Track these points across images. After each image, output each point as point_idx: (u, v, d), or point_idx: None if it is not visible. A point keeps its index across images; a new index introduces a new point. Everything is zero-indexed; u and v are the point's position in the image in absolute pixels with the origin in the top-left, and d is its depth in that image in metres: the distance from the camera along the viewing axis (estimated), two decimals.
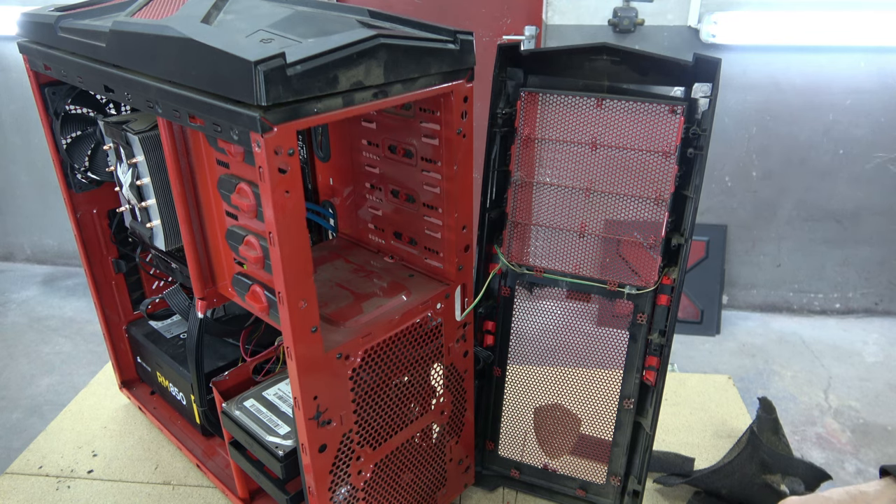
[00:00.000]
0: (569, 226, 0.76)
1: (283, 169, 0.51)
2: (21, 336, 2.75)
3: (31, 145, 3.08)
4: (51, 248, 3.33)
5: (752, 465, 0.83)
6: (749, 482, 0.82)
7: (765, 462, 0.83)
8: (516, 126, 0.75)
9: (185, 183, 0.66)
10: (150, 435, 0.99)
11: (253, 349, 0.88)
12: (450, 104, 0.64)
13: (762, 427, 0.86)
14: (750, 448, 0.84)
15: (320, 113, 0.52)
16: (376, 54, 0.54)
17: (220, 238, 0.68)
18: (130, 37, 0.61)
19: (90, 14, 0.73)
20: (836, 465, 2.04)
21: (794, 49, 2.42)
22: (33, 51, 0.78)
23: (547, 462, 0.87)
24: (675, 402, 1.07)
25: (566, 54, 0.72)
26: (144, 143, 0.72)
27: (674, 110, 0.67)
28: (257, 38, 0.55)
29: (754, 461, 0.83)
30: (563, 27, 2.52)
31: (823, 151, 2.55)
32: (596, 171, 0.73)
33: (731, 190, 2.67)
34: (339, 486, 0.68)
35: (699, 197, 0.68)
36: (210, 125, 0.54)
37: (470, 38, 0.62)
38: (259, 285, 0.63)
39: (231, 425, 0.75)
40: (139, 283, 1.01)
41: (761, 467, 0.83)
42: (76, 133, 0.86)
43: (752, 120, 2.54)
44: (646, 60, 0.69)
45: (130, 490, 0.89)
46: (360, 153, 0.81)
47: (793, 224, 2.69)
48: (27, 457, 0.95)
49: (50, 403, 2.31)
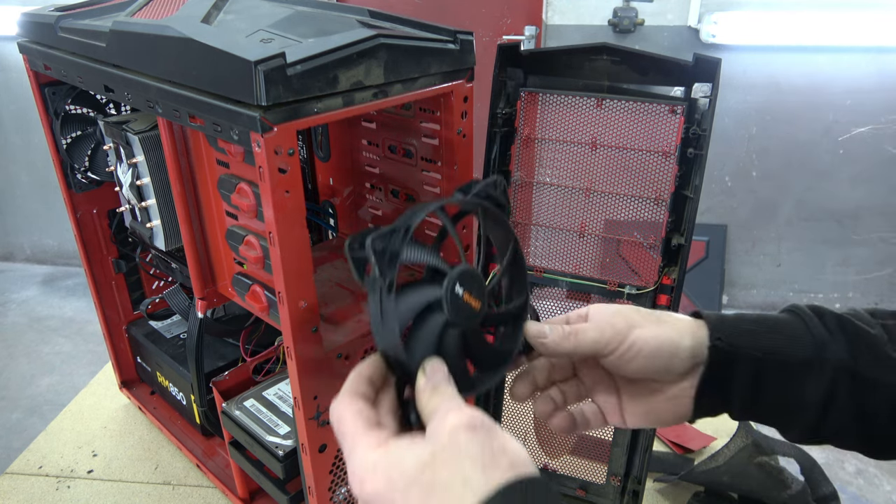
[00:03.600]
0: (569, 226, 0.76)
1: (283, 169, 0.51)
2: (21, 336, 2.75)
3: (31, 145, 3.08)
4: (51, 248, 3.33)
5: (746, 450, 0.83)
6: (744, 466, 0.83)
7: (757, 444, 0.84)
8: (516, 126, 0.75)
9: (185, 183, 0.66)
10: (150, 435, 0.99)
11: (253, 349, 0.88)
12: (450, 104, 0.64)
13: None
14: (742, 432, 0.84)
15: (320, 113, 0.52)
16: (376, 54, 0.54)
17: (220, 238, 0.68)
18: (130, 37, 0.61)
19: (90, 14, 0.73)
20: (836, 465, 2.04)
21: (794, 49, 2.42)
22: (33, 51, 0.78)
23: (547, 462, 0.87)
24: None
25: (566, 54, 0.72)
26: (144, 143, 0.72)
27: (674, 110, 0.67)
28: (257, 38, 0.55)
29: (747, 445, 0.83)
30: (563, 27, 2.53)
31: (823, 151, 2.55)
32: (596, 171, 0.73)
33: (731, 190, 2.67)
34: (339, 486, 0.68)
35: (699, 197, 0.68)
36: (210, 125, 0.54)
37: (470, 38, 0.62)
38: (259, 285, 0.63)
39: (231, 425, 0.75)
40: (139, 283, 1.01)
41: (755, 449, 0.83)
42: (76, 133, 0.86)
43: (752, 120, 2.55)
44: (646, 60, 0.69)
45: (130, 490, 0.89)
46: (360, 153, 0.81)
47: (793, 224, 2.69)
48: (27, 457, 0.95)
49: (50, 403, 2.31)
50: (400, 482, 0.37)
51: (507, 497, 0.35)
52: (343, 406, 0.43)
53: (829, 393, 0.49)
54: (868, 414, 0.49)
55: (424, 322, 0.44)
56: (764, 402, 0.50)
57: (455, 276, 0.45)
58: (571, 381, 0.55)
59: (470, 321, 0.47)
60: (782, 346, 0.49)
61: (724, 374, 0.49)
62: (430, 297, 0.45)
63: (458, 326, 0.46)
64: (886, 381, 0.48)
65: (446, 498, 0.36)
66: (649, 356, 0.49)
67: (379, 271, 0.42)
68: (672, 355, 0.49)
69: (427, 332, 0.44)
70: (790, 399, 0.49)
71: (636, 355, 0.49)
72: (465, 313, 0.46)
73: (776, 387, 0.49)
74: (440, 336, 0.45)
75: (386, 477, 0.38)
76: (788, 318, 0.51)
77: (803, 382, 0.49)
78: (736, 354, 0.49)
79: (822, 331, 0.50)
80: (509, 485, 0.36)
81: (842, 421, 0.49)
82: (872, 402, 0.49)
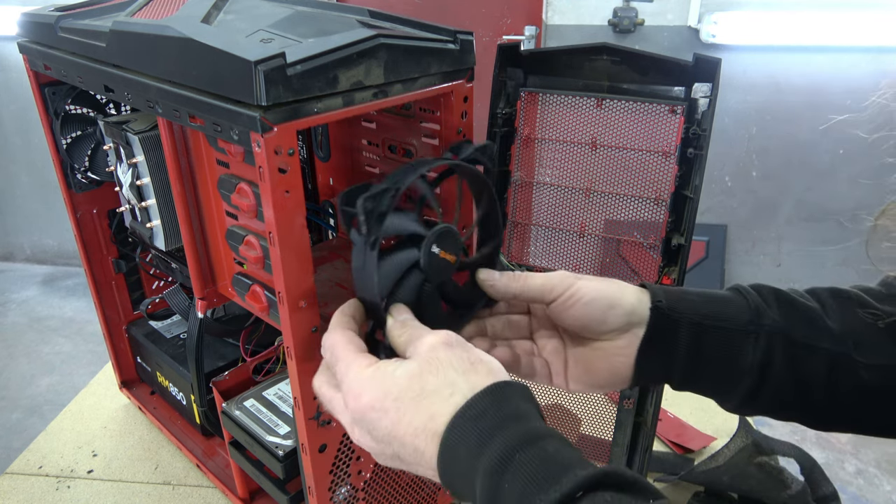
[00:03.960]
0: (569, 226, 0.76)
1: (283, 169, 0.51)
2: (21, 336, 2.75)
3: (31, 145, 3.08)
4: (51, 248, 3.34)
5: (746, 450, 0.83)
6: (744, 466, 0.83)
7: (757, 444, 0.84)
8: (516, 126, 0.75)
9: (185, 183, 0.66)
10: (150, 435, 0.99)
11: (253, 349, 0.88)
12: (450, 104, 0.64)
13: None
14: (742, 432, 0.84)
15: (320, 113, 0.52)
16: (376, 54, 0.54)
17: (220, 238, 0.68)
18: (130, 37, 0.61)
19: (90, 14, 0.73)
20: (836, 466, 2.04)
21: (794, 49, 2.42)
22: (33, 51, 0.78)
23: None
24: (675, 402, 1.07)
25: (566, 54, 0.72)
26: (144, 143, 0.72)
27: (674, 110, 0.67)
28: (257, 38, 0.55)
29: (747, 445, 0.83)
30: (563, 27, 2.53)
31: (823, 151, 2.55)
32: (596, 171, 0.73)
33: (731, 190, 2.67)
34: (339, 486, 0.68)
35: (699, 197, 0.68)
36: (210, 125, 0.54)
37: (470, 38, 0.62)
38: (259, 285, 0.63)
39: (231, 425, 0.75)
40: (139, 283, 1.01)
41: (755, 449, 0.84)
42: (76, 133, 0.86)
43: (752, 120, 2.55)
44: (646, 60, 0.69)
45: (130, 490, 0.89)
46: (360, 153, 0.81)
47: (793, 224, 2.69)
48: (27, 457, 0.95)
49: (50, 403, 2.31)
50: (394, 390, 0.42)
51: (489, 395, 0.40)
52: (336, 336, 0.48)
53: (766, 357, 0.50)
54: (805, 380, 0.51)
55: (405, 279, 0.51)
56: (703, 367, 0.52)
57: (433, 238, 0.52)
58: (527, 340, 0.58)
59: (445, 275, 0.54)
60: (721, 312, 0.52)
61: (664, 336, 0.51)
62: (410, 260, 0.51)
63: (434, 282, 0.53)
64: (822, 346, 0.50)
65: (436, 400, 0.41)
66: (587, 303, 0.52)
67: (366, 229, 0.47)
68: (609, 307, 0.52)
69: (406, 290, 0.51)
70: (729, 363, 0.51)
71: (576, 302, 0.52)
72: (440, 269, 0.53)
73: (715, 350, 0.51)
74: (419, 290, 0.52)
75: (381, 388, 0.43)
76: (728, 293, 0.54)
77: (741, 346, 0.51)
78: (676, 318, 0.51)
79: (760, 301, 0.52)
80: (490, 386, 0.41)
81: (779, 387, 0.51)
82: (808, 368, 0.51)
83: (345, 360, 0.46)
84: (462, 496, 0.40)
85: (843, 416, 0.53)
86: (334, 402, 0.47)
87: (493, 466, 0.37)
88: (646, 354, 0.52)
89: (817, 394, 0.51)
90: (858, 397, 0.51)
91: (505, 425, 0.39)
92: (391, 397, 0.42)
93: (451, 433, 0.40)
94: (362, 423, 0.44)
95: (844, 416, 0.53)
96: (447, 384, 0.41)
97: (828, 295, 0.54)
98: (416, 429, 0.41)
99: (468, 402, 0.40)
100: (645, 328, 0.52)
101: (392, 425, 0.42)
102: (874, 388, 0.51)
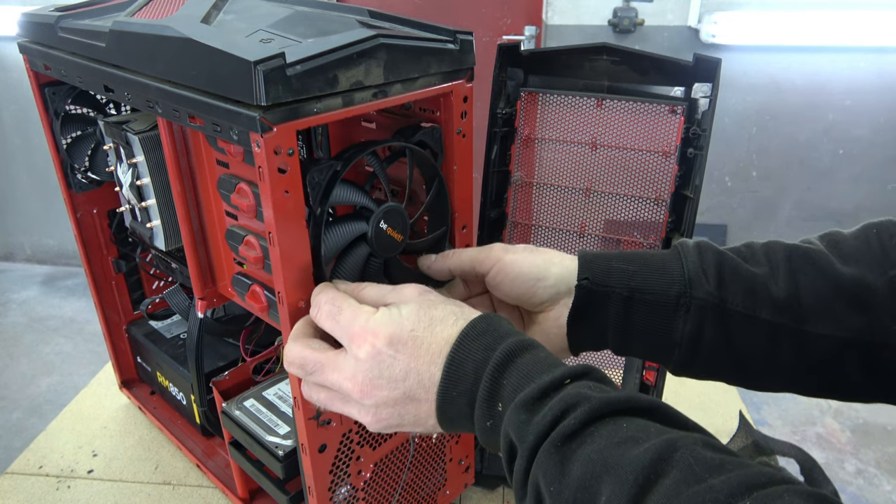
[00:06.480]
0: (569, 226, 0.76)
1: (283, 169, 0.51)
2: (21, 336, 2.75)
3: (31, 145, 3.08)
4: (51, 248, 3.34)
5: (746, 450, 0.83)
6: None
7: (757, 444, 0.84)
8: (516, 126, 0.75)
9: (185, 183, 0.66)
10: (150, 435, 0.99)
11: (253, 349, 0.88)
12: (449, 104, 0.64)
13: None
14: (742, 432, 0.84)
15: (320, 113, 0.52)
16: (376, 54, 0.54)
17: (220, 238, 0.68)
18: (130, 37, 0.61)
19: (90, 14, 0.73)
20: (836, 466, 2.04)
21: (794, 49, 2.42)
22: (33, 51, 0.78)
23: None
24: (675, 402, 1.06)
25: (566, 54, 0.72)
26: (144, 143, 0.72)
27: (674, 110, 0.67)
28: (257, 38, 0.55)
29: (747, 445, 0.83)
30: (563, 27, 2.53)
31: (823, 151, 2.55)
32: (596, 171, 0.73)
33: (731, 190, 2.67)
34: (339, 486, 0.68)
35: (699, 197, 0.68)
36: (210, 125, 0.54)
37: (470, 38, 0.62)
38: (259, 285, 0.63)
39: (231, 425, 0.75)
40: (139, 283, 1.01)
41: (755, 449, 0.83)
42: (76, 133, 0.86)
43: (752, 120, 2.55)
44: (646, 60, 0.69)
45: (130, 490, 0.89)
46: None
47: (793, 224, 2.69)
48: (27, 457, 0.95)
49: (50, 403, 2.32)
50: (407, 324, 0.46)
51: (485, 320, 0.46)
52: (330, 293, 0.51)
53: (696, 330, 0.50)
54: (741, 350, 0.50)
55: (352, 251, 0.54)
56: (634, 338, 0.52)
57: (381, 213, 0.54)
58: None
59: (391, 252, 0.56)
60: (651, 284, 0.51)
61: (592, 310, 0.52)
62: (358, 231, 0.54)
63: (380, 257, 0.55)
64: (762, 317, 0.49)
65: (446, 325, 0.46)
66: (515, 278, 0.53)
67: (312, 200, 0.50)
68: (537, 279, 0.53)
69: (353, 260, 0.54)
70: (659, 335, 0.51)
71: (504, 278, 0.54)
72: (387, 245, 0.55)
73: (644, 324, 0.51)
74: (364, 264, 0.54)
75: (396, 323, 0.46)
76: (665, 255, 0.53)
77: (670, 320, 0.50)
78: (604, 292, 0.51)
79: (697, 269, 0.51)
80: (484, 314, 0.47)
81: (712, 357, 0.51)
82: (747, 339, 0.50)
83: (349, 309, 0.48)
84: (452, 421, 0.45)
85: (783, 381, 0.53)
86: (327, 368, 0.48)
87: (495, 369, 0.42)
88: (575, 327, 0.53)
89: (756, 364, 0.51)
90: (802, 365, 0.50)
91: (504, 339, 0.44)
92: (407, 329, 0.46)
93: (458, 350, 0.44)
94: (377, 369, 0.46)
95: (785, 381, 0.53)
96: (451, 312, 0.47)
97: (783, 256, 0.52)
98: (433, 354, 0.45)
99: (470, 323, 0.45)
100: (572, 304, 0.52)
101: (410, 356, 0.45)
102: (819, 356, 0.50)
